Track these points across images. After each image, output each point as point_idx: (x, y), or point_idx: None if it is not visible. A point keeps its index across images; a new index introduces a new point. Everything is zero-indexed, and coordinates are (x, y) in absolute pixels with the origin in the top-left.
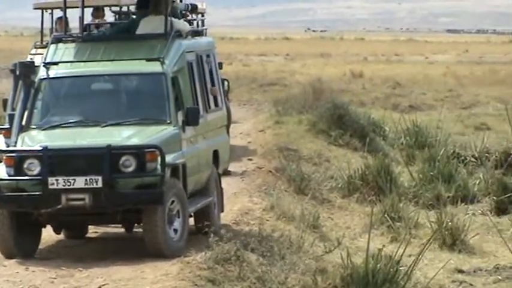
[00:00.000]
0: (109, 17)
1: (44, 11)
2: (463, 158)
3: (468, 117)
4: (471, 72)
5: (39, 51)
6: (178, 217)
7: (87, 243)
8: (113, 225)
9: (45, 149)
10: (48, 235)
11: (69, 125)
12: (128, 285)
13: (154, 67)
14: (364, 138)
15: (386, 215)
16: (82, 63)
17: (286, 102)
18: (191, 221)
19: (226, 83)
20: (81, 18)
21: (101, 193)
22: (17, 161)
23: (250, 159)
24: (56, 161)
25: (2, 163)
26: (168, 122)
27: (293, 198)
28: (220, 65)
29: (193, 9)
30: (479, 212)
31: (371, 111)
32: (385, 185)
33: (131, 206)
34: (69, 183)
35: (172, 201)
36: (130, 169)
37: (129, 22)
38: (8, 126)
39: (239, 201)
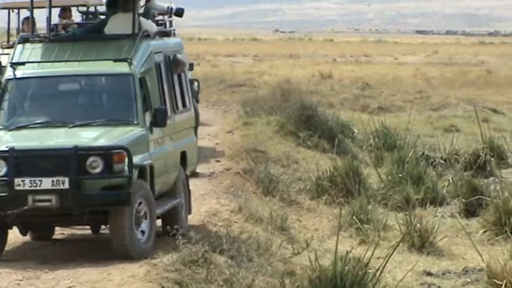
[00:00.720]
0: (76, 17)
1: (11, 10)
2: (432, 160)
3: (437, 119)
4: (441, 74)
5: (6, 51)
6: (146, 219)
7: (53, 245)
8: (79, 227)
9: (11, 149)
10: (15, 236)
11: (36, 126)
12: (95, 287)
13: (122, 68)
14: (332, 140)
15: (354, 217)
16: (49, 64)
17: (255, 103)
18: (158, 222)
19: (196, 83)
20: (49, 19)
21: (68, 194)
22: None
23: (218, 161)
24: (23, 162)
25: None
26: (136, 123)
27: (261, 200)
28: (191, 66)
29: (179, 13)
30: (448, 214)
31: (340, 113)
32: (354, 187)
33: (98, 207)
34: (35, 184)
35: (140, 203)
36: (97, 170)
37: (99, 22)
38: None
39: (207, 203)
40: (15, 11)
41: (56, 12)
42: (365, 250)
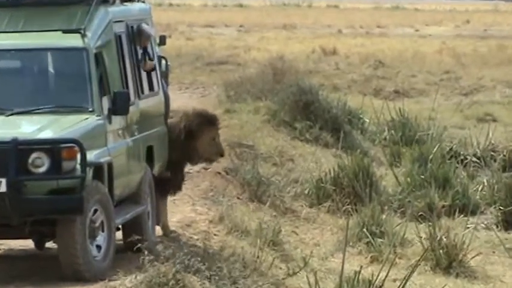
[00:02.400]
0: None
1: None
2: (462, 157)
3: (469, 105)
4: (473, 49)
5: None
6: (103, 230)
7: None
8: (20, 240)
9: None
10: None
11: None
12: None
13: (74, 41)
14: (337, 132)
15: (365, 229)
16: None
17: (240, 85)
18: (119, 235)
19: (164, 62)
20: None
21: (5, 199)
22: None
23: None
24: None
25: None
26: (90, 110)
27: (247, 207)
28: (162, 39)
29: None
30: (483, 225)
31: (347, 98)
32: (364, 191)
33: (43, 215)
34: None
35: (95, 211)
36: (42, 169)
37: None
38: None
39: (179, 211)
40: None
41: None
42: (378, 270)
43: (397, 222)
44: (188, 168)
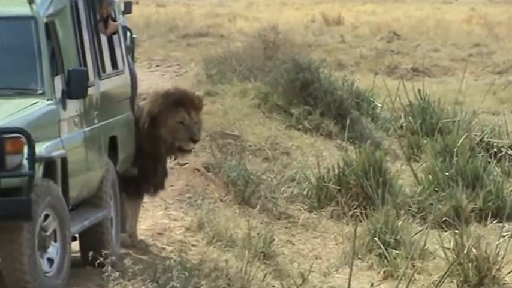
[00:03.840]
0: None
1: None
2: (495, 149)
3: (504, 86)
4: (509, 17)
5: None
6: (55, 240)
7: None
8: None
9: None
10: None
11: None
12: None
13: (19, 8)
14: (342, 119)
15: (376, 238)
16: None
17: (223, 62)
18: (75, 246)
19: (129, 34)
20: None
21: None
22: None
23: None
24: None
25: None
26: (40, 92)
27: (233, 211)
28: (128, 6)
29: None
30: None
31: (354, 77)
32: (375, 191)
33: None
34: None
35: (46, 216)
36: None
37: None
38: None
39: (149, 216)
40: None
41: None
42: None
43: (416, 229)
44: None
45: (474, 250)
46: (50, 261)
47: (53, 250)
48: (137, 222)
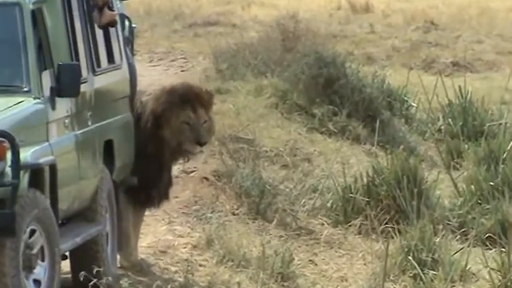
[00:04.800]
0: None
1: None
2: None
3: None
4: None
5: None
6: (43, 259)
7: None
8: None
9: None
10: None
11: None
12: None
13: None
14: (372, 121)
15: (411, 257)
16: None
17: (235, 55)
18: (65, 265)
19: (127, 23)
20: None
21: None
22: None
23: None
24: None
25: None
26: (26, 89)
27: (246, 226)
28: None
29: None
30: None
31: (385, 73)
32: (410, 203)
33: None
34: None
35: (32, 232)
36: None
37: None
38: None
39: (151, 232)
40: None
41: None
42: None
43: (456, 247)
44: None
45: None
46: (37, 283)
47: (40, 270)
48: (137, 239)
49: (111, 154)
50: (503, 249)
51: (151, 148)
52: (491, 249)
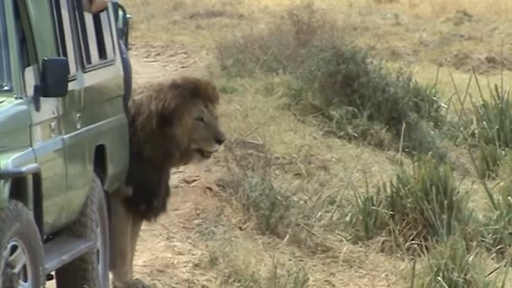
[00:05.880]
0: None
1: None
2: None
3: None
4: None
5: None
6: (25, 279)
7: None
8: None
9: None
10: None
11: None
12: None
13: None
14: (397, 124)
15: (440, 277)
16: None
17: (243, 50)
18: (51, 286)
19: (121, 13)
20: None
21: None
22: None
23: None
24: None
25: None
26: (6, 88)
27: (255, 242)
28: None
29: None
30: None
31: (412, 70)
32: (439, 217)
33: None
34: None
35: (14, 248)
36: None
37: None
38: None
39: (147, 248)
40: None
41: None
42: None
43: (491, 266)
44: None
45: None
46: None
47: None
48: (132, 257)
49: (103, 161)
50: None
51: (153, 152)
52: None
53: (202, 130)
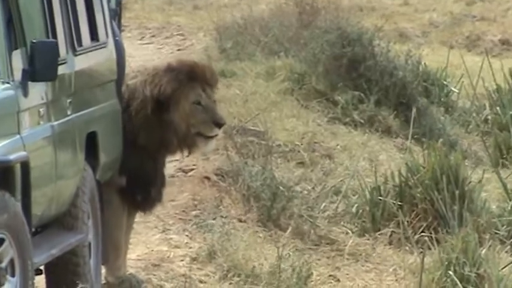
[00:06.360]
0: None
1: None
2: None
3: None
4: None
5: None
6: (13, 274)
7: None
8: None
9: None
10: None
11: None
12: None
13: None
14: (406, 110)
15: (451, 272)
16: None
17: (243, 32)
18: (40, 281)
19: None
20: None
21: None
22: None
23: None
24: None
25: None
26: None
27: (255, 235)
28: None
29: None
30: None
31: (421, 52)
32: (450, 208)
33: None
34: None
35: (1, 241)
36: None
37: None
38: None
39: (142, 242)
40: None
41: None
42: None
43: (505, 260)
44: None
45: None
46: None
47: (9, 287)
48: (126, 250)
49: (95, 149)
50: None
51: (149, 138)
52: None
53: (200, 114)
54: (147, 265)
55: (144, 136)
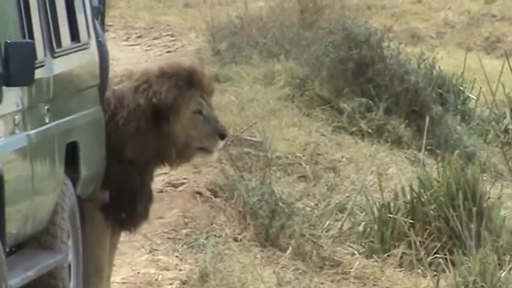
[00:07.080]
0: None
1: None
2: None
3: None
4: None
5: None
6: None
7: None
8: None
9: None
10: None
11: None
12: None
13: None
14: (418, 118)
15: None
16: None
17: (238, 32)
18: None
19: None
20: None
21: None
22: None
23: None
24: None
25: None
26: None
27: (252, 256)
28: None
29: None
30: None
31: (435, 55)
32: (467, 226)
33: None
34: None
35: None
36: None
37: None
38: None
39: (127, 263)
40: None
41: None
42: None
43: None
44: None
45: None
46: None
47: None
48: (109, 273)
49: (76, 161)
50: None
51: (142, 151)
52: None
53: (202, 124)
54: None
55: (133, 148)
